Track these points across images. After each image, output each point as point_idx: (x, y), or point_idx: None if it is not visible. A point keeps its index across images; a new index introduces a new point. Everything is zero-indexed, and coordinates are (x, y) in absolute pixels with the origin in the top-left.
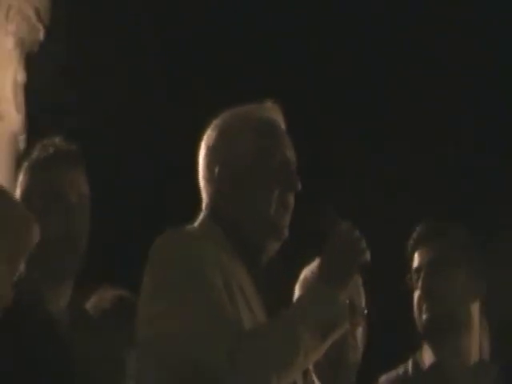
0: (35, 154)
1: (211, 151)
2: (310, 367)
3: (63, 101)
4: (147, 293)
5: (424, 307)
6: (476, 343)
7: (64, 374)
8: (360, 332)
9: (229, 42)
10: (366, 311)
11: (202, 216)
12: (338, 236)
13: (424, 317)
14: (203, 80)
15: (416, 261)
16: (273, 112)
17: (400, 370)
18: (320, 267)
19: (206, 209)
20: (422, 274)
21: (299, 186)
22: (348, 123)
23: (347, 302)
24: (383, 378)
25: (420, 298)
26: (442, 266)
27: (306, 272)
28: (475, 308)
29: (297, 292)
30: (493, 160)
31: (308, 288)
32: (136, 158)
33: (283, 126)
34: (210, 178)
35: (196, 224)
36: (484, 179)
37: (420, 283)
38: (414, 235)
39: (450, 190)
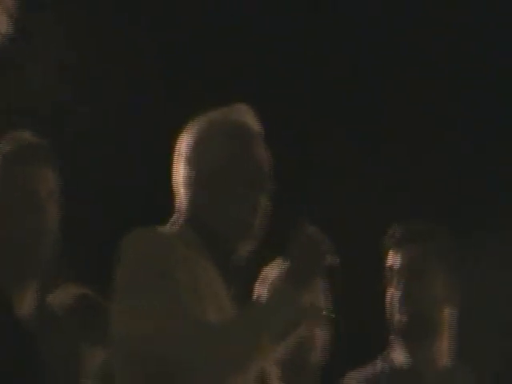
0: (4, 148)
1: (184, 157)
2: (274, 368)
3: (59, 100)
4: (118, 291)
5: (401, 309)
6: (447, 347)
7: (32, 371)
8: (323, 333)
9: (226, 45)
10: (329, 313)
11: (175, 218)
12: (303, 238)
13: (401, 318)
14: (200, 82)
15: (393, 260)
16: (246, 115)
17: (370, 368)
18: (284, 269)
19: (179, 211)
20: (400, 275)
21: (271, 187)
22: (344, 126)
23: (309, 303)
24: (352, 375)
25: (397, 299)
26: (422, 270)
27: (267, 271)
28: (449, 312)
29: (257, 291)
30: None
31: (270, 288)
32: (137, 158)
33: (257, 127)
34: (183, 183)
35: (168, 225)
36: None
37: (398, 284)
38: (392, 234)
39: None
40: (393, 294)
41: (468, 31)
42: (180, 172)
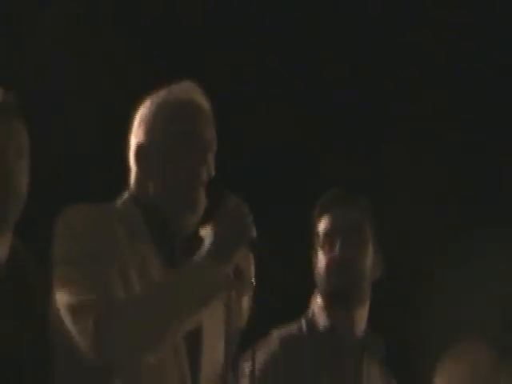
0: None
1: (132, 136)
2: None
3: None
4: (53, 264)
5: (335, 273)
6: (366, 313)
7: None
8: (246, 300)
9: (226, 45)
10: (253, 281)
11: (123, 195)
12: (226, 211)
13: (333, 282)
14: (202, 82)
15: (326, 225)
16: (192, 91)
17: (293, 327)
18: (207, 239)
19: (128, 188)
20: (335, 241)
21: (214, 163)
22: (344, 126)
23: (233, 272)
24: (275, 334)
25: (331, 263)
26: (357, 236)
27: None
28: (374, 280)
29: None
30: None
31: (193, 257)
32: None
33: (203, 104)
34: (132, 161)
35: (115, 201)
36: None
37: (334, 249)
38: (324, 200)
39: None
40: (324, 259)
41: (468, 31)
42: (130, 148)
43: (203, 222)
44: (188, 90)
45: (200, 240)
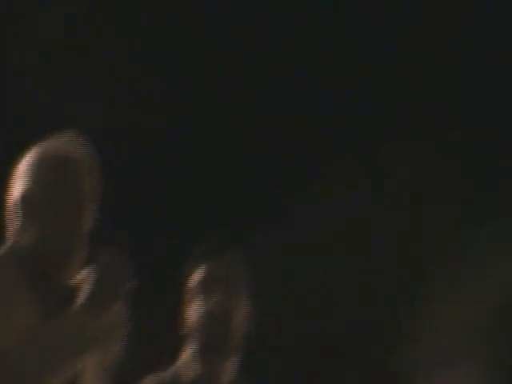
0: None
1: (14, 185)
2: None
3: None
4: None
5: (206, 324)
6: (234, 362)
7: None
8: (119, 348)
9: (226, 45)
10: (124, 331)
11: (4, 243)
12: (103, 264)
13: (204, 333)
14: (202, 82)
15: (199, 277)
16: (71, 144)
17: (164, 375)
18: (82, 291)
19: (7, 242)
20: (207, 293)
21: (91, 213)
22: (344, 126)
23: (106, 325)
24: (147, 382)
25: (203, 315)
26: (229, 289)
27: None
28: (244, 329)
29: None
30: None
31: (68, 309)
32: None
33: (84, 156)
34: (14, 210)
35: None
36: None
37: (206, 301)
38: (197, 252)
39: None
40: (196, 310)
41: (468, 31)
42: (10, 197)
43: (81, 272)
44: (68, 143)
45: (77, 291)
